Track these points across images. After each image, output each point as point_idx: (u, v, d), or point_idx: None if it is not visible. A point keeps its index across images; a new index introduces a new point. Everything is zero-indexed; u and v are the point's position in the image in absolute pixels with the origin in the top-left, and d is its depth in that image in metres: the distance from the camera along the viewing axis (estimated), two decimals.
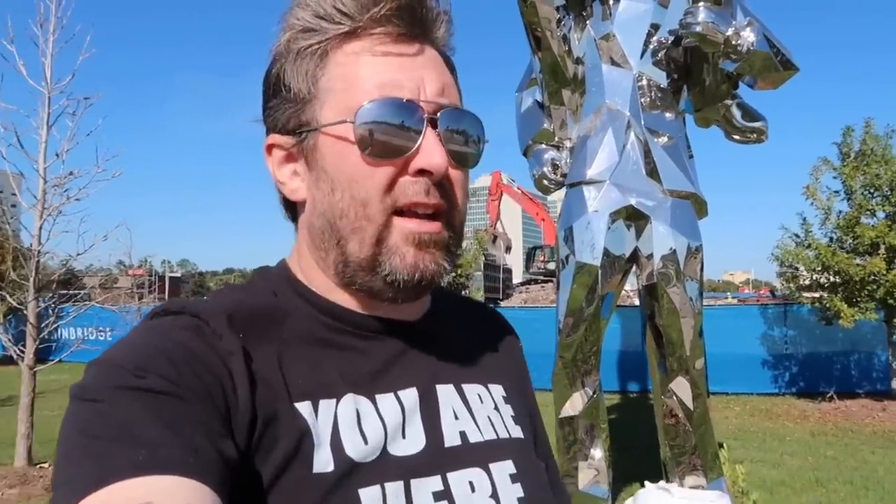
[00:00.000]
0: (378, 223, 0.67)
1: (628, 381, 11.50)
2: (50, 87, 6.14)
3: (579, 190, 4.08)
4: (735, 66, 3.92)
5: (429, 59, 0.70)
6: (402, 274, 0.67)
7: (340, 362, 0.69)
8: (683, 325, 3.95)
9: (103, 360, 0.59)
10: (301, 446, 0.61)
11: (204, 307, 0.65)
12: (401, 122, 0.66)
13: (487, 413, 0.78)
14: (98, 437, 0.53)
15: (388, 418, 0.68)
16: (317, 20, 0.68)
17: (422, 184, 0.67)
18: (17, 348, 6.38)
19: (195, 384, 0.57)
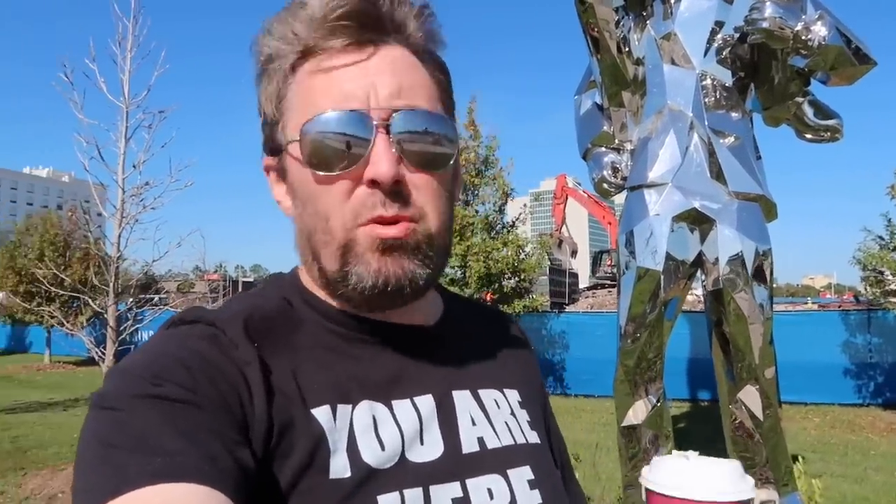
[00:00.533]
0: (340, 236, 0.67)
1: (697, 388, 11.14)
2: (128, 101, 6.47)
3: (640, 193, 3.98)
4: (806, 61, 3.74)
5: (384, 63, 0.68)
6: (368, 281, 0.66)
7: (355, 369, 0.69)
8: (752, 332, 3.80)
9: (122, 369, 0.61)
10: (317, 452, 0.61)
11: (219, 316, 0.67)
12: (348, 133, 0.65)
13: (504, 418, 0.77)
14: (115, 445, 0.54)
15: (405, 424, 0.68)
16: (276, 44, 0.69)
17: (377, 195, 0.65)
18: (99, 350, 6.73)
19: (211, 392, 0.58)
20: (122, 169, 6.49)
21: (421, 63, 0.71)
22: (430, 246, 0.69)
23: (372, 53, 0.68)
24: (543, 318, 13.30)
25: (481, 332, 0.85)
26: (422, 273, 0.68)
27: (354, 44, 0.67)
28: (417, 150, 0.67)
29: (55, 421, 9.53)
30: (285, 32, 0.68)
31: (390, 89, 0.66)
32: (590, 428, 9.01)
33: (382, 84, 0.66)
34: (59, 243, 16.95)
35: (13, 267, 17.00)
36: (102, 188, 7.02)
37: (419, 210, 0.68)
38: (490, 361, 0.82)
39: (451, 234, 0.75)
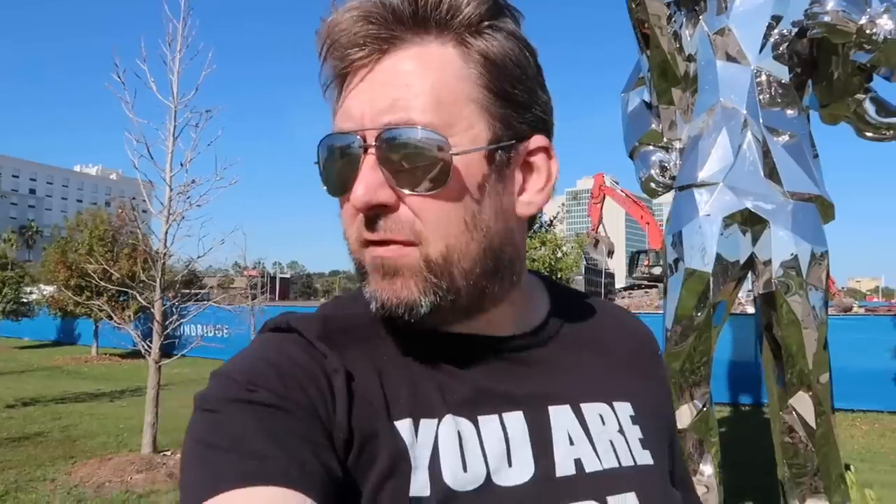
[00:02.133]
0: (355, 257, 0.68)
1: (740, 392, 10.89)
2: (176, 101, 6.61)
3: (690, 193, 3.89)
4: (869, 57, 3.59)
5: (386, 72, 0.63)
6: (372, 302, 0.65)
7: (440, 381, 0.66)
8: (806, 336, 3.67)
9: (222, 373, 0.63)
10: (398, 467, 0.60)
11: (310, 325, 0.67)
12: (340, 156, 0.64)
13: (609, 437, 0.71)
14: (213, 445, 0.57)
15: (491, 444, 0.64)
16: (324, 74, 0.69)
17: (361, 219, 0.64)
18: (145, 343, 6.88)
19: (301, 399, 0.59)
20: (169, 167, 6.63)
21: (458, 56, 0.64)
22: (430, 271, 0.63)
23: (373, 66, 0.63)
24: None
25: (593, 335, 0.79)
26: (423, 300, 0.63)
27: (361, 60, 0.63)
28: (408, 172, 0.62)
29: (102, 411, 9.79)
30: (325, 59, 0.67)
31: (382, 104, 0.62)
32: None
33: (376, 100, 0.62)
34: (107, 239, 17.41)
35: (64, 262, 17.50)
36: (150, 185, 7.18)
37: (416, 234, 0.63)
38: (600, 369, 0.76)
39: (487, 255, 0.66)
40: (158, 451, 6.76)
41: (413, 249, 0.63)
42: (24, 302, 22.06)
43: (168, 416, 7.04)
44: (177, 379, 11.68)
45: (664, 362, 0.87)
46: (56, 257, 17.91)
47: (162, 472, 6.28)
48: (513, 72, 0.65)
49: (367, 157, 0.62)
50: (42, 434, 8.12)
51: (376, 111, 0.62)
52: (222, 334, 16.06)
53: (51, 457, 6.98)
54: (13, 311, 21.23)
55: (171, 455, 6.77)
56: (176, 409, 7.90)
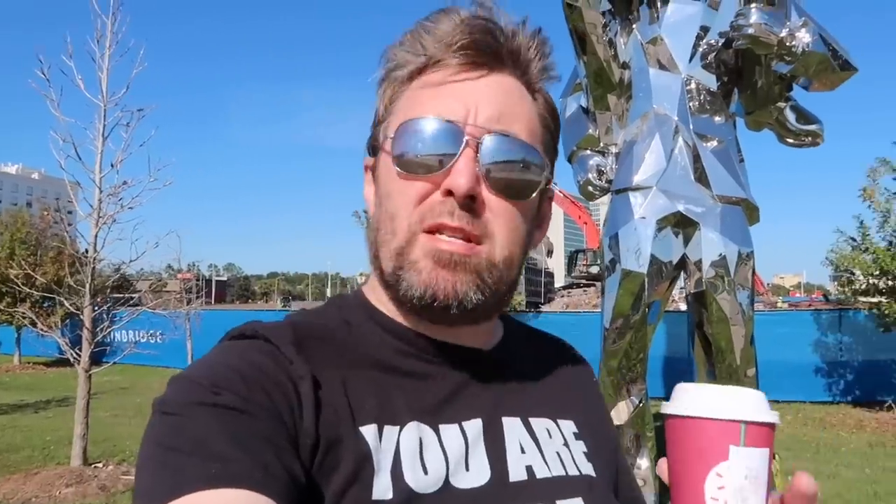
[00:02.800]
0: (402, 238, 0.68)
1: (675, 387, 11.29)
2: (106, 99, 6.36)
3: (625, 196, 4.02)
4: (789, 67, 3.81)
5: (492, 87, 0.70)
6: (417, 290, 0.67)
7: (407, 389, 0.69)
8: (734, 333, 3.86)
9: (183, 377, 0.63)
10: (362, 471, 0.62)
11: (275, 333, 0.68)
12: (437, 140, 0.67)
13: (556, 448, 0.76)
14: (174, 449, 0.56)
15: (451, 449, 0.67)
16: (403, 55, 0.73)
17: (448, 204, 0.66)
18: (74, 351, 6.60)
19: (266, 403, 0.60)
20: (99, 167, 6.38)
21: (531, 98, 0.73)
22: (489, 272, 0.68)
23: (482, 77, 0.70)
24: (520, 318, 13.30)
25: (539, 361, 0.85)
26: (473, 297, 0.67)
27: (469, 65, 0.70)
28: (501, 175, 0.68)
29: (26, 423, 9.32)
30: (414, 44, 0.72)
31: (490, 112, 0.68)
32: None
33: (484, 106, 0.68)
34: (30, 242, 16.60)
35: None
36: (78, 186, 6.88)
37: (487, 232, 0.68)
38: (545, 390, 0.81)
39: (519, 271, 0.74)
40: (89, 463, 6.49)
41: (481, 248, 0.67)
42: None
43: (98, 426, 6.78)
44: (107, 387, 11.24)
45: (595, 379, 0.93)
46: None
47: (93, 484, 6.02)
48: (557, 123, 0.78)
49: (467, 150, 0.66)
50: None
51: (484, 116, 0.68)
52: (156, 340, 15.55)
53: None
54: None
55: (102, 467, 6.51)
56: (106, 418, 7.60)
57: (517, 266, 0.72)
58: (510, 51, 0.71)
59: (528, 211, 0.72)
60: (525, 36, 0.72)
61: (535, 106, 0.74)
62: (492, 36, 0.70)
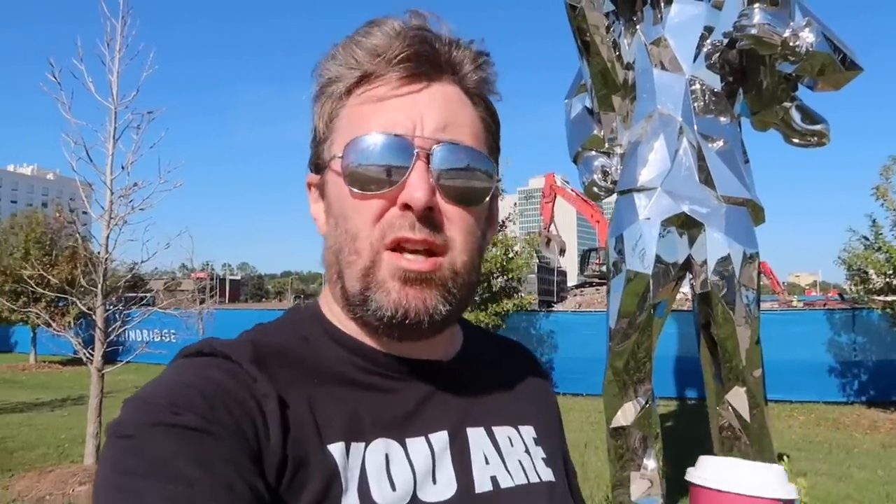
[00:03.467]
0: (367, 257, 0.67)
1: (685, 387, 11.23)
2: (116, 102, 6.42)
3: (630, 197, 4.02)
4: (794, 67, 3.79)
5: (434, 97, 0.70)
6: (387, 310, 0.66)
7: (371, 405, 0.69)
8: (739, 333, 3.84)
9: (139, 398, 0.61)
10: (329, 490, 0.61)
11: (235, 350, 0.66)
12: (388, 156, 0.67)
13: (518, 456, 0.77)
14: (132, 472, 0.54)
15: (418, 463, 0.68)
16: (337, 68, 0.72)
17: (407, 218, 0.66)
18: (87, 351, 6.68)
19: (228, 422, 0.58)
20: (110, 170, 6.44)
21: (471, 103, 0.74)
22: (454, 282, 0.69)
23: (424, 88, 0.70)
24: (532, 318, 13.33)
25: (498, 367, 0.86)
26: (443, 309, 0.68)
27: (409, 77, 0.70)
28: (454, 184, 0.69)
29: (41, 422, 9.45)
30: (347, 58, 0.71)
31: (436, 123, 0.69)
32: (578, 427, 9.05)
33: (429, 117, 0.69)
34: (45, 242, 16.79)
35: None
36: (89, 188, 6.96)
37: (448, 241, 0.69)
38: (506, 397, 0.82)
39: (479, 273, 0.75)
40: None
41: (444, 260, 0.68)
42: None
43: None
44: (121, 386, 11.35)
45: (550, 384, 0.95)
46: None
47: None
48: (497, 124, 0.78)
49: (419, 163, 0.66)
50: None
51: (431, 127, 0.68)
52: (169, 339, 15.70)
53: None
54: None
55: None
56: None
57: (477, 270, 0.74)
58: (447, 59, 0.72)
59: (481, 214, 0.73)
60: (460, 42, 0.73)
61: (475, 111, 0.74)
62: (429, 45, 0.70)
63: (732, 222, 3.86)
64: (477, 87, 0.74)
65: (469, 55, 0.73)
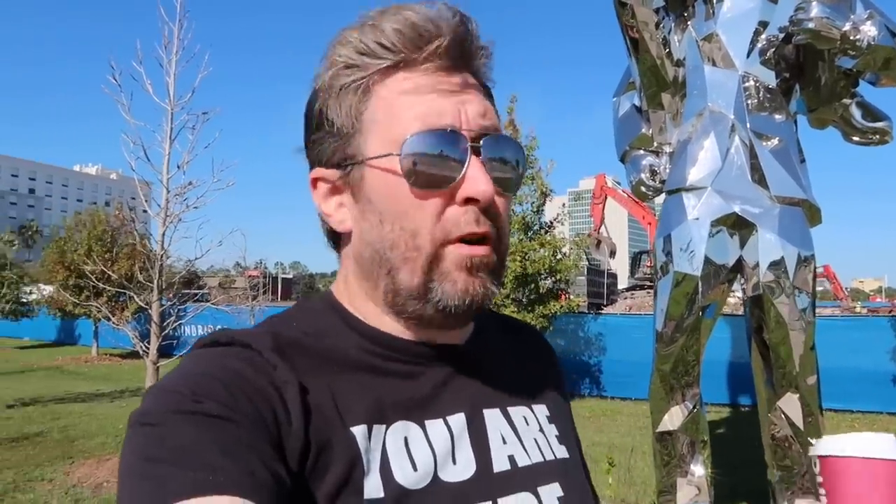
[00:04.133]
0: (428, 252, 0.68)
1: (738, 393, 10.92)
2: (173, 103, 6.65)
3: (678, 197, 3.92)
4: (854, 62, 3.63)
5: (470, 87, 0.71)
6: (454, 299, 0.68)
7: (391, 389, 0.70)
8: (793, 338, 3.71)
9: (161, 387, 0.62)
10: (352, 472, 0.63)
11: (254, 339, 0.67)
12: (445, 152, 0.67)
13: (533, 435, 0.79)
14: (156, 459, 0.55)
15: (438, 444, 0.69)
16: (358, 56, 0.69)
17: (471, 213, 0.68)
18: (143, 344, 6.92)
19: (249, 410, 0.60)
20: (166, 169, 6.66)
21: (486, 90, 0.75)
22: (500, 266, 0.72)
23: (461, 78, 0.70)
24: (580, 319, 13.17)
25: (509, 348, 0.87)
26: (496, 291, 0.71)
27: (449, 67, 0.69)
28: (502, 174, 0.70)
29: (101, 412, 9.83)
30: (371, 45, 0.68)
31: (477, 109, 0.69)
32: (626, 431, 8.91)
33: (471, 104, 0.69)
34: (106, 239, 17.47)
35: (63, 262, 17.57)
36: (147, 186, 7.21)
37: (498, 229, 0.70)
38: (519, 377, 0.84)
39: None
40: None
41: (494, 246, 0.70)
42: (23, 302, 22.12)
43: None
44: None
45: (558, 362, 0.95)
46: (55, 257, 17.97)
47: None
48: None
49: (473, 156, 0.67)
50: (41, 434, 8.16)
51: (473, 114, 0.69)
52: None
53: (49, 457, 7.02)
54: (13, 312, 21.29)
55: None
56: None
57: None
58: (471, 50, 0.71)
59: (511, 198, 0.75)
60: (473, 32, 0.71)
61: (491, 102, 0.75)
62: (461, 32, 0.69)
63: (786, 223, 3.72)
64: (485, 76, 0.75)
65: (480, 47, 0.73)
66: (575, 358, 12.62)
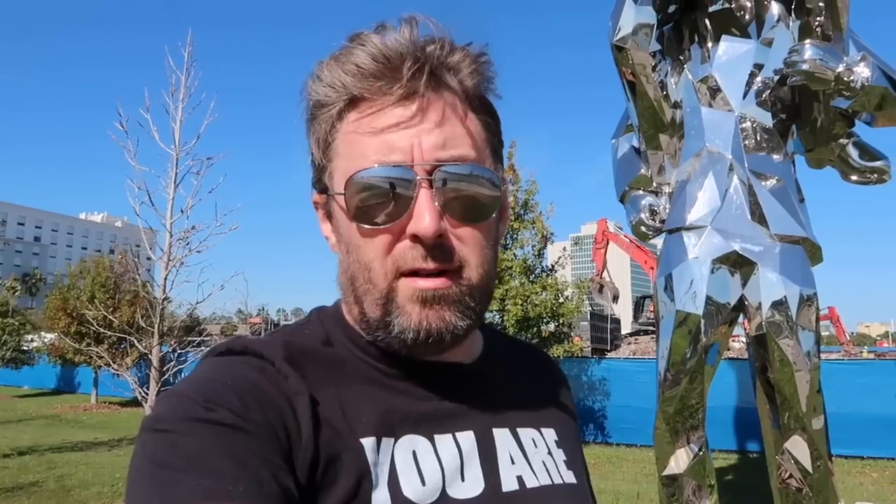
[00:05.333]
0: (382, 287, 0.68)
1: (746, 440, 10.72)
2: (178, 149, 6.74)
3: (679, 236, 3.93)
4: (849, 103, 3.69)
5: (429, 113, 0.68)
6: (410, 332, 0.67)
7: (399, 403, 0.70)
8: (798, 379, 3.65)
9: (174, 393, 0.63)
10: (360, 486, 0.62)
11: (266, 349, 0.68)
12: (391, 187, 0.66)
13: (542, 458, 0.78)
14: (167, 465, 0.55)
15: (447, 460, 0.69)
16: (324, 89, 0.70)
17: (418, 249, 0.66)
18: (143, 390, 6.85)
19: (261, 420, 0.60)
20: (170, 213, 6.71)
21: (470, 109, 0.71)
22: (471, 296, 0.69)
23: (418, 105, 0.67)
24: (584, 364, 13.05)
25: (520, 371, 0.87)
26: (462, 324, 0.69)
27: (401, 93, 0.67)
28: (460, 204, 0.68)
29: (99, 461, 9.68)
30: (333, 80, 0.68)
31: (434, 141, 0.67)
32: (631, 478, 8.72)
33: (427, 136, 0.67)
34: (109, 286, 17.49)
35: (65, 308, 17.55)
36: (152, 232, 7.25)
37: (461, 262, 0.68)
38: (528, 400, 0.83)
39: (494, 280, 0.75)
40: None
41: (458, 277, 0.68)
42: (24, 350, 22.02)
43: None
44: None
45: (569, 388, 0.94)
46: (57, 304, 17.95)
47: None
48: (497, 120, 0.75)
49: (422, 190, 0.65)
50: (36, 484, 8.02)
51: (429, 146, 0.66)
52: None
53: None
54: (13, 360, 21.17)
55: None
56: None
57: (493, 278, 0.73)
58: (442, 64, 0.69)
59: (491, 224, 0.73)
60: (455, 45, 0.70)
61: (476, 115, 0.72)
62: (418, 58, 0.67)
63: (787, 261, 3.71)
64: (475, 90, 0.72)
65: (466, 57, 0.71)
66: (579, 403, 12.45)
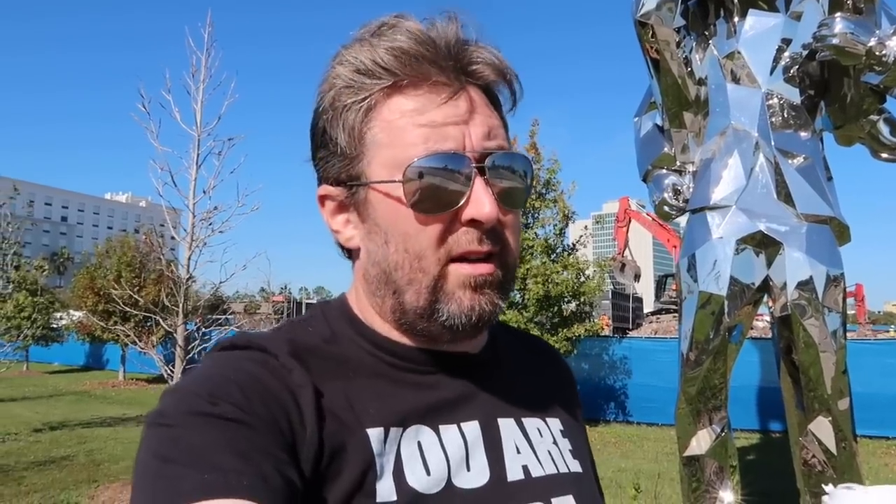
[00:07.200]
0: (433, 274, 0.68)
1: (769, 419, 10.64)
2: (199, 130, 6.76)
3: (703, 216, 3.87)
4: (881, 78, 3.58)
5: (474, 104, 0.69)
6: (461, 318, 0.68)
7: (405, 395, 0.71)
8: (823, 360, 3.61)
9: (178, 388, 0.63)
10: (365, 477, 0.63)
11: (270, 343, 0.68)
12: (449, 175, 0.66)
13: (547, 447, 0.79)
14: (171, 460, 0.56)
15: (452, 450, 0.69)
16: (358, 76, 0.68)
17: (473, 233, 0.68)
18: (168, 368, 6.97)
19: (264, 414, 0.60)
20: (192, 194, 6.76)
21: (493, 104, 0.73)
22: (507, 280, 0.72)
23: (462, 94, 0.69)
24: (605, 343, 13.00)
25: (525, 361, 0.87)
26: (503, 306, 0.71)
27: (448, 84, 0.68)
28: (506, 191, 0.70)
29: (127, 436, 9.90)
30: (369, 66, 0.67)
31: (482, 130, 0.69)
32: (652, 457, 8.73)
33: (475, 125, 0.68)
34: (135, 265, 17.72)
35: (92, 287, 17.83)
36: (175, 212, 7.31)
37: (504, 246, 0.71)
38: (533, 390, 0.84)
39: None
40: None
41: (499, 263, 0.70)
42: (53, 327, 22.48)
43: None
44: None
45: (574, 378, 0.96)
46: (85, 283, 18.25)
47: None
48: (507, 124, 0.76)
49: (478, 178, 0.67)
50: (67, 458, 8.23)
51: (477, 135, 0.68)
52: None
53: (75, 480, 7.07)
54: (43, 337, 21.63)
55: None
56: None
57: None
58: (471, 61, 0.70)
59: (519, 213, 0.75)
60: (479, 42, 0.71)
61: (497, 111, 0.74)
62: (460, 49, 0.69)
63: (814, 241, 3.65)
64: (495, 86, 0.74)
65: (489, 55, 0.71)
66: (600, 382, 12.44)
